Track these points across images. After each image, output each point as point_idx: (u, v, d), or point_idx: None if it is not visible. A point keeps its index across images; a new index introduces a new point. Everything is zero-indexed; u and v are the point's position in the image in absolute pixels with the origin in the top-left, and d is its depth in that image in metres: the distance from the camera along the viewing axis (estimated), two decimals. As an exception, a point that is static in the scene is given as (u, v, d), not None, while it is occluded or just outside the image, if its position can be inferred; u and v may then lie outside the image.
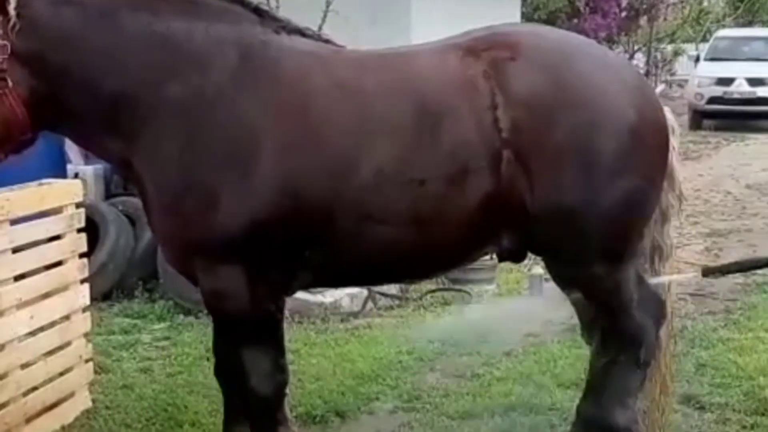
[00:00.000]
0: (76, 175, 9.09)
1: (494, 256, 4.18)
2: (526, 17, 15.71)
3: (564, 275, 4.18)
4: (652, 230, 4.26)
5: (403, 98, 3.71)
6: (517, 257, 4.15)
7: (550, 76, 3.75)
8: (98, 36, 3.63)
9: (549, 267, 4.27)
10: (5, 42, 3.51)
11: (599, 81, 3.84)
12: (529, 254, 4.18)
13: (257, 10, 3.81)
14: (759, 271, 8.18)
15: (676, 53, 25.20)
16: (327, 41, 3.95)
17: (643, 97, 3.95)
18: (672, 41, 24.80)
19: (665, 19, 25.72)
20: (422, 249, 3.80)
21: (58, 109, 3.68)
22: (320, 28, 6.56)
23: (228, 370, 4.05)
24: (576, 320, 4.53)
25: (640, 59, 23.66)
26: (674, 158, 4.20)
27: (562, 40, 4.10)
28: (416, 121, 3.67)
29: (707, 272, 4.59)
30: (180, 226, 3.71)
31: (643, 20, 21.42)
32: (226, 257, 3.68)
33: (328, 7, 6.69)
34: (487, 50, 3.78)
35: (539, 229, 3.83)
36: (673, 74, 25.59)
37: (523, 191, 3.70)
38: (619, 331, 4.14)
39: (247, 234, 3.63)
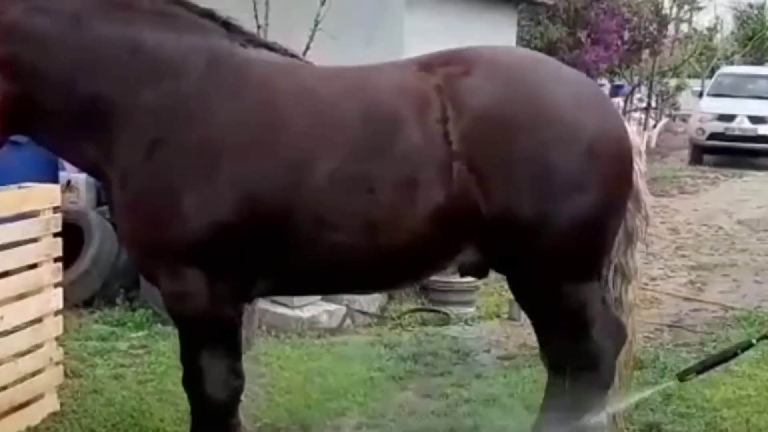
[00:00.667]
0: (68, 183, 9.21)
1: (456, 269, 4.21)
2: (526, 47, 15.76)
3: (525, 293, 4.25)
4: (617, 252, 4.29)
5: (354, 108, 3.80)
6: (479, 272, 4.18)
7: (503, 90, 3.82)
8: (73, 41, 3.73)
9: (511, 285, 4.29)
10: None
11: (553, 96, 3.88)
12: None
13: (226, 24, 3.94)
14: (738, 305, 8.31)
15: (679, 88, 25.27)
16: (293, 56, 4.08)
17: (601, 115, 4.00)
18: (676, 76, 24.87)
19: (671, 53, 25.80)
20: (377, 257, 3.86)
21: (31, 113, 3.76)
22: (308, 47, 6.64)
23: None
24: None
25: (644, 92, 23.71)
26: (640, 180, 4.25)
27: (517, 56, 4.21)
28: (365, 130, 3.77)
29: (683, 376, 4.57)
30: (144, 228, 3.79)
31: (646, 54, 21.50)
32: (187, 260, 3.76)
33: (316, 25, 6.77)
34: (443, 66, 3.89)
35: (498, 242, 3.88)
36: (677, 108, 25.64)
37: (478, 203, 3.75)
38: (579, 354, 4.18)
39: (208, 237, 3.71)
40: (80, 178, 9.04)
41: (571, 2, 17.31)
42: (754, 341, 4.64)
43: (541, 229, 3.84)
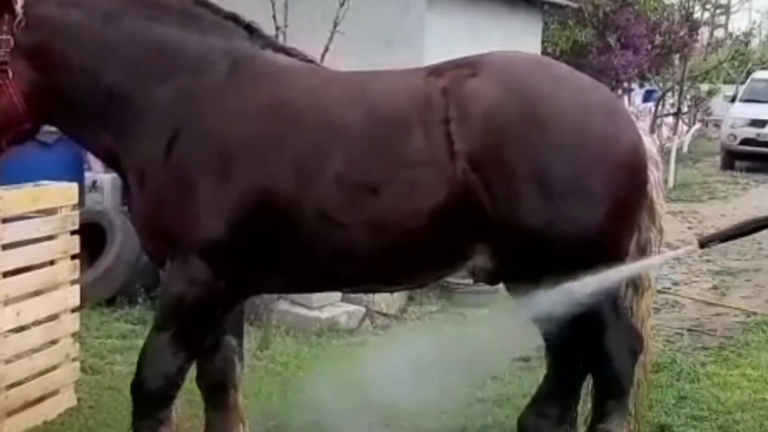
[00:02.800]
0: (93, 183, 9.35)
1: (468, 275, 4.20)
2: (550, 51, 15.61)
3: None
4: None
5: (361, 110, 3.87)
6: (491, 278, 4.16)
7: (507, 92, 3.82)
8: (100, 34, 3.87)
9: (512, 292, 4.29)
10: (8, 37, 3.77)
11: (556, 101, 3.85)
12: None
13: (248, 27, 4.05)
14: (759, 310, 8.24)
15: (711, 93, 25.04)
16: (310, 61, 4.18)
17: (609, 121, 3.95)
18: (709, 81, 24.58)
19: (705, 58, 25.54)
20: (383, 255, 3.90)
21: (56, 101, 3.90)
22: (326, 49, 6.67)
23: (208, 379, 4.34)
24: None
25: (677, 98, 23.49)
26: (655, 191, 4.20)
27: (527, 61, 4.18)
28: (370, 132, 3.83)
29: (706, 242, 4.34)
30: (158, 216, 3.88)
31: (676, 58, 21.28)
32: (199, 249, 3.83)
33: (335, 27, 6.80)
34: (451, 70, 3.93)
35: (507, 246, 3.86)
36: (709, 114, 25.42)
37: (484, 202, 3.76)
38: (592, 361, 4.18)
39: (221, 230, 3.79)
40: (105, 179, 9.17)
41: (600, 6, 17.22)
42: None
43: (545, 232, 3.81)
